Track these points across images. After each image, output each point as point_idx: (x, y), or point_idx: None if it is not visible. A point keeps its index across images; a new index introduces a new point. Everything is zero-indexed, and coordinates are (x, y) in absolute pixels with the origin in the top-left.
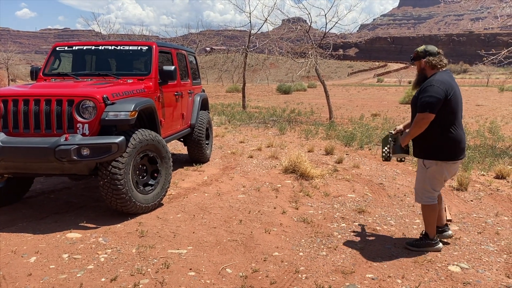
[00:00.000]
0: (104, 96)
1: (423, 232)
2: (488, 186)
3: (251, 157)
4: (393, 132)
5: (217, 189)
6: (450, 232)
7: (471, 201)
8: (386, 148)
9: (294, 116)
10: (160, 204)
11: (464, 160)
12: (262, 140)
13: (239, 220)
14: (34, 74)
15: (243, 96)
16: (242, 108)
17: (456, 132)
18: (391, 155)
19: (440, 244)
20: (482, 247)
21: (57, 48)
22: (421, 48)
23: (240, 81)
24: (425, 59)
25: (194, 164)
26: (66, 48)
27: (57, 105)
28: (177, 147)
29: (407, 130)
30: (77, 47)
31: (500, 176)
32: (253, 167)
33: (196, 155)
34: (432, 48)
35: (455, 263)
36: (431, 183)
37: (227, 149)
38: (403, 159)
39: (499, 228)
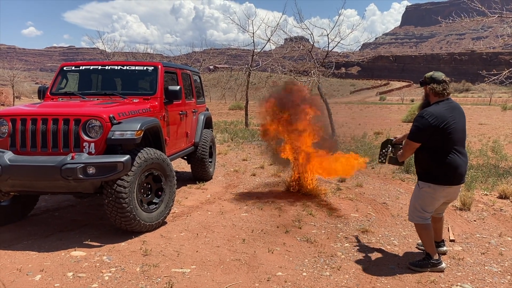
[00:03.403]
0: (111, 115)
1: (425, 253)
2: (492, 206)
3: (254, 175)
4: (394, 140)
5: (220, 207)
6: (445, 248)
7: (474, 221)
8: (383, 151)
9: None
10: (164, 223)
11: (467, 180)
12: (264, 158)
13: (242, 239)
14: (42, 93)
15: (246, 114)
16: (245, 125)
17: (453, 158)
18: (386, 161)
19: (443, 264)
20: (486, 268)
21: (64, 68)
22: (429, 74)
23: (243, 99)
24: (429, 86)
25: (197, 182)
26: (73, 68)
27: (64, 124)
28: (181, 165)
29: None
30: (83, 67)
31: (503, 196)
32: (256, 185)
33: (200, 173)
34: (438, 75)
35: (459, 284)
36: (421, 203)
37: (230, 167)
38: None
39: (502, 249)
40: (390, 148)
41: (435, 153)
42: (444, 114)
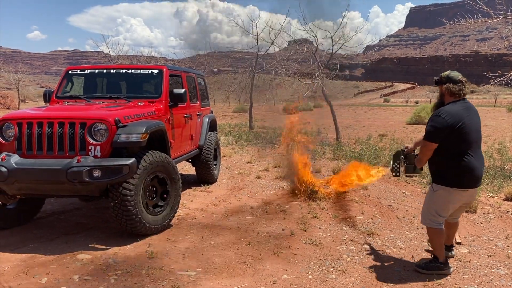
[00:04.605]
0: (116, 119)
1: (433, 255)
2: (498, 208)
3: (259, 177)
4: (405, 150)
5: (225, 210)
6: (453, 253)
7: (481, 223)
8: (396, 163)
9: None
10: (169, 225)
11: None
12: (269, 160)
13: (247, 242)
14: (47, 96)
15: (250, 116)
16: (249, 128)
17: (469, 160)
18: (402, 173)
19: (451, 268)
20: (493, 270)
21: (70, 72)
22: (445, 73)
23: (246, 101)
24: (445, 85)
25: (202, 185)
26: (78, 71)
27: (70, 128)
28: (185, 168)
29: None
30: (89, 71)
31: (509, 198)
32: (260, 188)
33: (204, 176)
34: (455, 75)
35: (466, 286)
36: (436, 207)
37: (235, 169)
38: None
39: (509, 251)
40: (403, 159)
41: (451, 154)
42: (461, 114)
